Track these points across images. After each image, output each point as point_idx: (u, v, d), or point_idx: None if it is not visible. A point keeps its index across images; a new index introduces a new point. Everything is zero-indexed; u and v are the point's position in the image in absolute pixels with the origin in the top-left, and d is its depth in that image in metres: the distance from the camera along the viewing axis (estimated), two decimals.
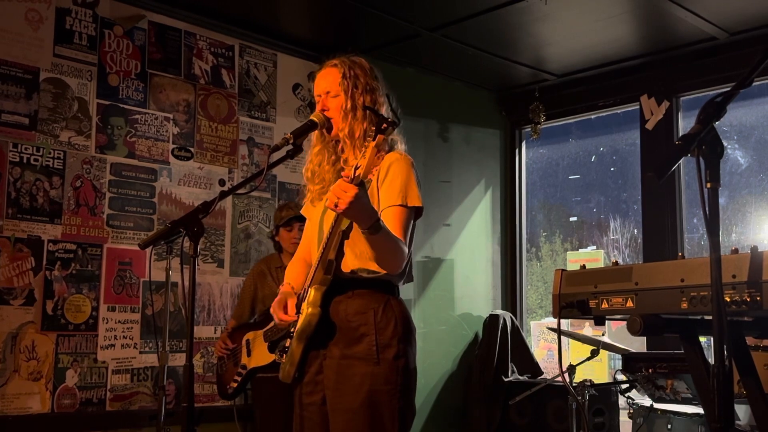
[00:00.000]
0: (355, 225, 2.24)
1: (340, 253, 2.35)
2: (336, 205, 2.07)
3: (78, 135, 4.11)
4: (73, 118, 4.10)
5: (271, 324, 3.92)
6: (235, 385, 3.99)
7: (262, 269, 4.20)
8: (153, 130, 4.38)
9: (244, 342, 4.01)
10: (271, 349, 3.89)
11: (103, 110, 4.21)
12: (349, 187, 2.06)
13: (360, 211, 2.11)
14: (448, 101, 5.67)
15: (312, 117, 2.50)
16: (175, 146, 4.46)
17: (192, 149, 4.53)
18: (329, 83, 2.48)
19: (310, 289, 2.33)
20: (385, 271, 2.33)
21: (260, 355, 3.92)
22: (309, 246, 2.58)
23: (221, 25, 4.69)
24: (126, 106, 4.29)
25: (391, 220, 2.30)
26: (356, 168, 2.10)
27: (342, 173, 2.19)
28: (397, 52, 5.09)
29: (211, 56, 4.67)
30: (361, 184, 2.09)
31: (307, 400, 2.42)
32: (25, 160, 3.92)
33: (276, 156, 2.46)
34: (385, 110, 2.48)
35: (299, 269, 2.58)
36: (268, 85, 4.93)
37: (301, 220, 4.10)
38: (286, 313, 2.40)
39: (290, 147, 2.44)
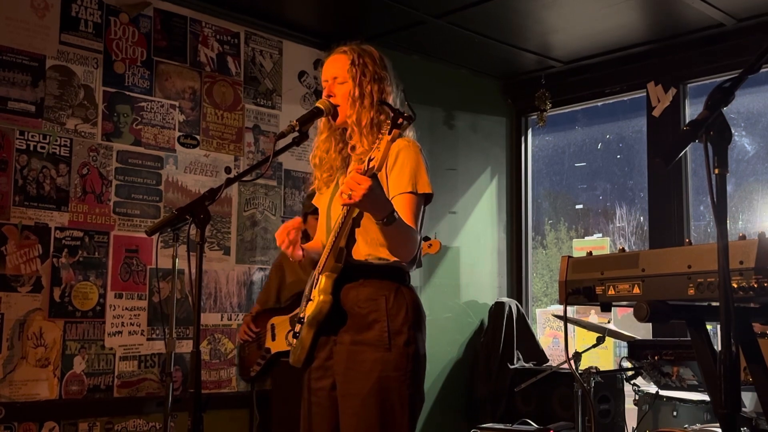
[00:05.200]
0: (366, 212, 2.25)
1: (351, 241, 2.36)
2: (350, 197, 2.07)
3: (84, 123, 4.11)
4: (80, 105, 4.10)
5: (298, 310, 3.94)
6: (258, 368, 4.02)
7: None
8: (159, 117, 4.38)
9: (269, 326, 4.03)
10: None
11: (109, 98, 4.21)
12: (362, 179, 2.06)
13: (374, 203, 2.12)
14: (453, 89, 5.65)
15: (318, 104, 2.49)
16: (181, 134, 4.47)
17: (198, 137, 4.53)
18: (337, 69, 2.48)
19: (321, 276, 2.34)
20: (396, 259, 2.34)
21: (286, 340, 3.94)
22: (320, 234, 2.59)
23: (227, 12, 4.68)
24: (132, 94, 4.29)
25: (402, 207, 2.30)
26: (370, 160, 2.11)
27: (354, 164, 2.19)
28: (403, 39, 5.08)
29: (216, 44, 4.67)
30: (374, 176, 2.09)
31: (317, 385, 2.43)
32: (31, 148, 3.92)
33: (282, 143, 2.46)
34: (392, 100, 2.48)
35: (314, 246, 2.62)
36: (273, 73, 4.92)
37: None
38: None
39: (296, 134, 2.44)
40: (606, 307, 2.18)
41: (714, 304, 1.97)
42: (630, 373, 3.87)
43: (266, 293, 4.27)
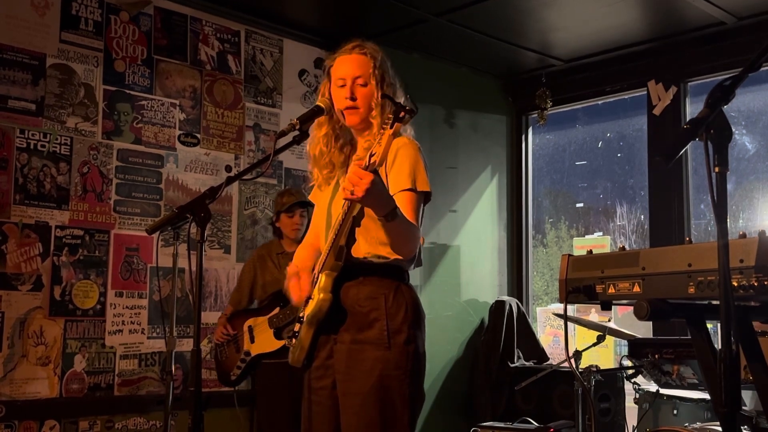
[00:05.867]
0: (366, 211, 2.24)
1: (351, 239, 2.35)
2: (353, 193, 2.05)
3: (84, 121, 4.11)
4: (80, 104, 4.10)
5: (276, 310, 3.94)
6: (238, 371, 4.01)
7: (263, 255, 4.21)
8: (159, 116, 4.38)
9: (246, 328, 4.02)
10: (277, 336, 3.91)
11: (109, 96, 4.21)
12: (364, 174, 2.05)
13: (377, 199, 2.10)
14: (454, 87, 5.65)
15: (318, 102, 2.49)
16: (181, 132, 4.47)
17: (198, 135, 4.53)
18: (360, 69, 2.43)
19: (320, 275, 2.34)
20: (396, 257, 2.34)
21: (265, 342, 3.94)
22: (317, 231, 2.58)
23: (227, 10, 4.68)
24: (132, 92, 4.29)
25: (402, 204, 2.29)
26: (371, 155, 2.10)
27: (355, 159, 2.18)
28: (404, 38, 5.07)
29: (217, 42, 4.67)
30: (376, 171, 2.08)
31: (317, 384, 2.43)
32: (32, 146, 3.92)
33: (282, 142, 2.46)
34: (398, 98, 2.47)
35: (307, 254, 2.59)
36: (274, 71, 4.92)
37: (303, 206, 4.12)
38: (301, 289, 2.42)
39: (296, 133, 2.43)
40: (606, 306, 2.17)
41: (714, 302, 1.96)
42: (630, 371, 3.86)
43: (239, 293, 4.24)
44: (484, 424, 4.62)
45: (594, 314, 5.13)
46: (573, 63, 5.52)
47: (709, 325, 2.07)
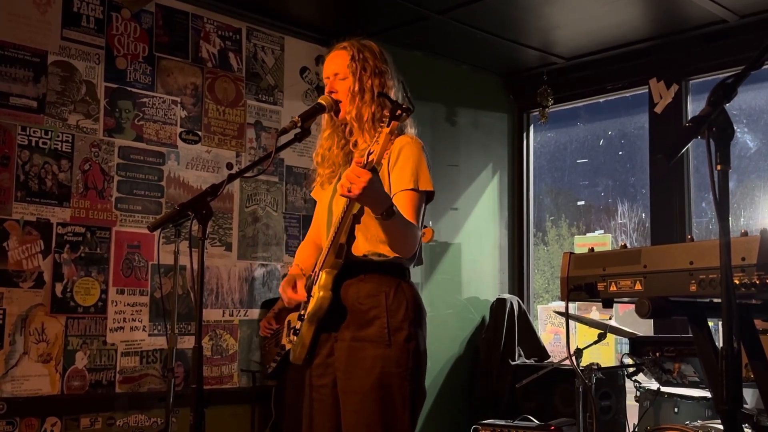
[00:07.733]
0: (367, 208, 2.25)
1: (351, 237, 2.36)
2: (349, 191, 2.06)
3: (86, 118, 4.11)
4: (81, 101, 4.10)
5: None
6: (274, 365, 4.03)
7: None
8: (161, 113, 4.38)
9: (285, 323, 4.04)
10: None
11: (110, 93, 4.21)
12: (362, 172, 2.06)
13: (374, 197, 2.11)
14: (455, 85, 5.65)
15: (320, 100, 2.50)
16: (182, 130, 4.47)
17: (199, 133, 4.53)
18: (338, 65, 2.48)
19: (321, 273, 2.34)
20: (396, 255, 2.34)
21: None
22: (319, 229, 2.58)
23: (228, 8, 4.68)
24: (134, 90, 4.29)
25: (403, 204, 2.30)
26: (369, 154, 2.11)
27: (354, 158, 2.19)
28: (405, 36, 5.07)
29: (218, 39, 4.66)
30: (374, 169, 2.09)
31: (318, 382, 2.43)
32: (33, 144, 3.92)
33: (284, 139, 2.46)
34: (394, 93, 2.48)
35: (309, 251, 2.60)
36: (275, 69, 4.92)
37: None
38: (295, 292, 2.42)
39: (298, 130, 2.44)
40: (608, 304, 2.18)
41: (716, 300, 1.97)
42: (631, 369, 3.87)
43: None
44: (485, 422, 4.63)
45: (595, 312, 5.13)
46: (574, 61, 5.51)
47: (710, 323, 2.07)
